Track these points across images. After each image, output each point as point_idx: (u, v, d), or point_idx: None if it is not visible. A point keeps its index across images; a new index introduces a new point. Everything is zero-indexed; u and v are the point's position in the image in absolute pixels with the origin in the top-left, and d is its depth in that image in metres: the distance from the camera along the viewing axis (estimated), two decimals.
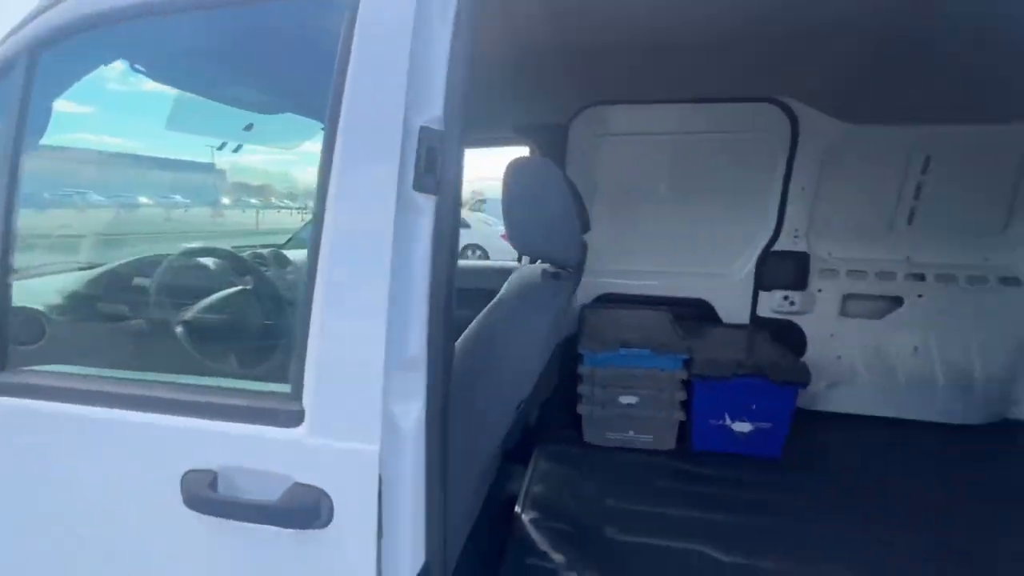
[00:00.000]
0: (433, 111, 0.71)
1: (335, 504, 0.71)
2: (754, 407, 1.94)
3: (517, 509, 1.61)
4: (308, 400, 0.72)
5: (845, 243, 2.41)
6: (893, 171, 2.30)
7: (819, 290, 2.43)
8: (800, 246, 2.42)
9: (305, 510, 0.70)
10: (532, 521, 1.55)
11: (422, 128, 0.70)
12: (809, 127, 2.30)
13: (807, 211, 2.41)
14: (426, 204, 0.71)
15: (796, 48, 1.76)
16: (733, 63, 1.97)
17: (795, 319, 2.46)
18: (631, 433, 2.02)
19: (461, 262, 3.14)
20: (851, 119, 2.25)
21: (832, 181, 2.35)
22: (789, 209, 2.42)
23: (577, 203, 2.01)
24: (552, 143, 2.61)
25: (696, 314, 2.59)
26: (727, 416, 1.97)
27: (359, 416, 0.70)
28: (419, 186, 0.71)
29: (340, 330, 0.71)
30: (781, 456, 1.97)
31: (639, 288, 2.70)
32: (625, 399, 1.99)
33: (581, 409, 2.04)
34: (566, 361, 2.17)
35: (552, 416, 2.28)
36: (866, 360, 2.40)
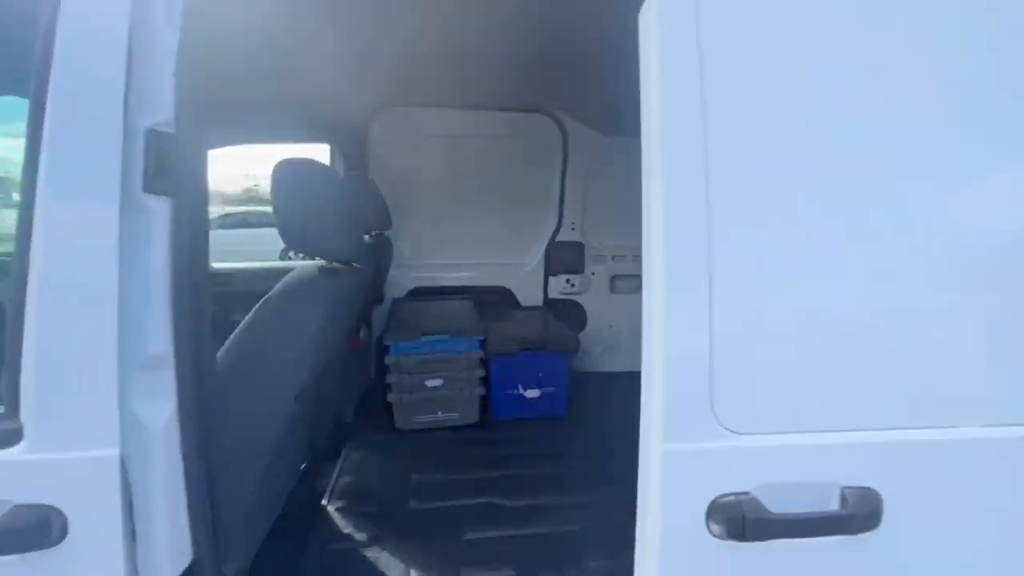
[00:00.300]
0: (162, 114, 0.73)
1: (69, 518, 0.69)
2: (540, 375, 2.27)
3: (324, 502, 1.64)
4: (27, 415, 0.69)
5: (609, 233, 2.92)
6: (637, 174, 2.87)
7: (592, 273, 2.92)
8: (576, 236, 2.88)
9: (27, 531, 0.67)
10: (338, 509, 1.60)
11: (149, 130, 0.72)
12: (575, 137, 2.74)
13: (580, 207, 2.86)
14: (160, 206, 0.73)
15: (559, 71, 2.10)
16: (513, 77, 2.24)
17: (577, 298, 2.92)
18: (439, 413, 2.19)
19: (276, 264, 2.95)
20: (605, 132, 2.74)
21: (596, 181, 2.83)
22: (566, 205, 2.85)
23: (370, 200, 2.10)
24: (352, 142, 2.63)
25: (499, 300, 2.89)
26: (520, 386, 2.26)
27: (92, 422, 0.69)
28: (151, 188, 0.72)
29: (61, 336, 0.68)
30: (566, 414, 2.34)
31: (449, 280, 2.90)
32: (431, 383, 2.14)
33: (391, 397, 2.14)
34: (381, 355, 2.25)
35: (367, 409, 2.33)
36: (629, 327, 2.97)
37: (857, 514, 0.69)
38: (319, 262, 1.29)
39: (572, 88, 2.32)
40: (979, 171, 0.75)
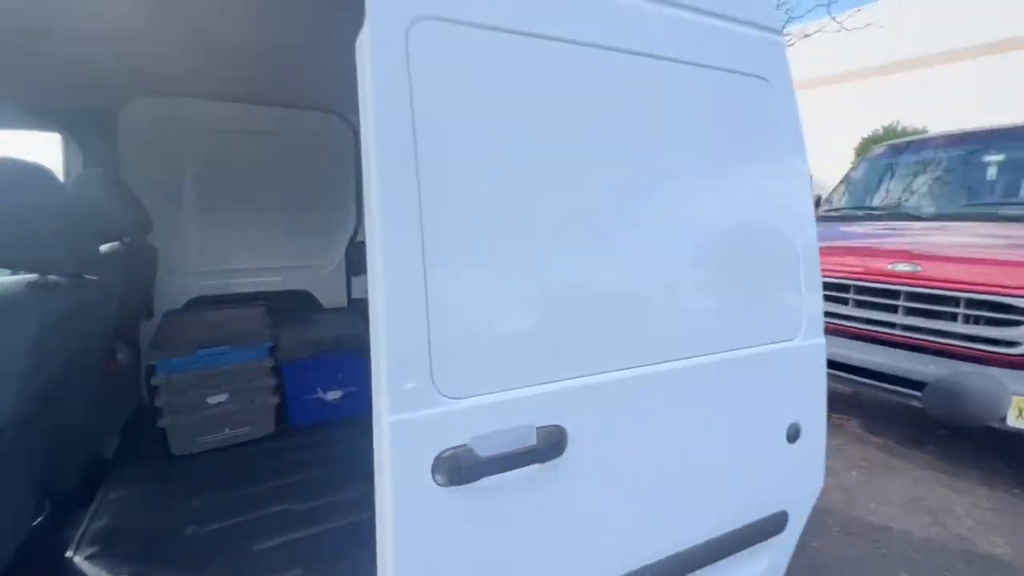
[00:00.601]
0: None
1: None
2: (341, 376, 2.26)
3: (69, 553, 1.41)
4: None
5: None
6: None
7: None
8: None
9: None
10: (89, 557, 1.40)
11: None
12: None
13: None
14: None
15: (330, 72, 2.08)
16: (292, 75, 2.15)
17: None
18: (227, 430, 2.03)
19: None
20: None
21: None
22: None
23: (116, 202, 1.83)
24: (93, 133, 2.24)
25: (300, 304, 2.76)
26: (319, 389, 2.22)
27: None
28: None
29: None
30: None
31: (240, 287, 2.67)
32: (214, 399, 1.97)
33: (162, 422, 1.91)
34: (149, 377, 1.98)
35: (135, 440, 2.04)
36: None
37: (545, 446, 0.90)
38: (30, 276, 1.11)
39: (352, 90, 2.33)
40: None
